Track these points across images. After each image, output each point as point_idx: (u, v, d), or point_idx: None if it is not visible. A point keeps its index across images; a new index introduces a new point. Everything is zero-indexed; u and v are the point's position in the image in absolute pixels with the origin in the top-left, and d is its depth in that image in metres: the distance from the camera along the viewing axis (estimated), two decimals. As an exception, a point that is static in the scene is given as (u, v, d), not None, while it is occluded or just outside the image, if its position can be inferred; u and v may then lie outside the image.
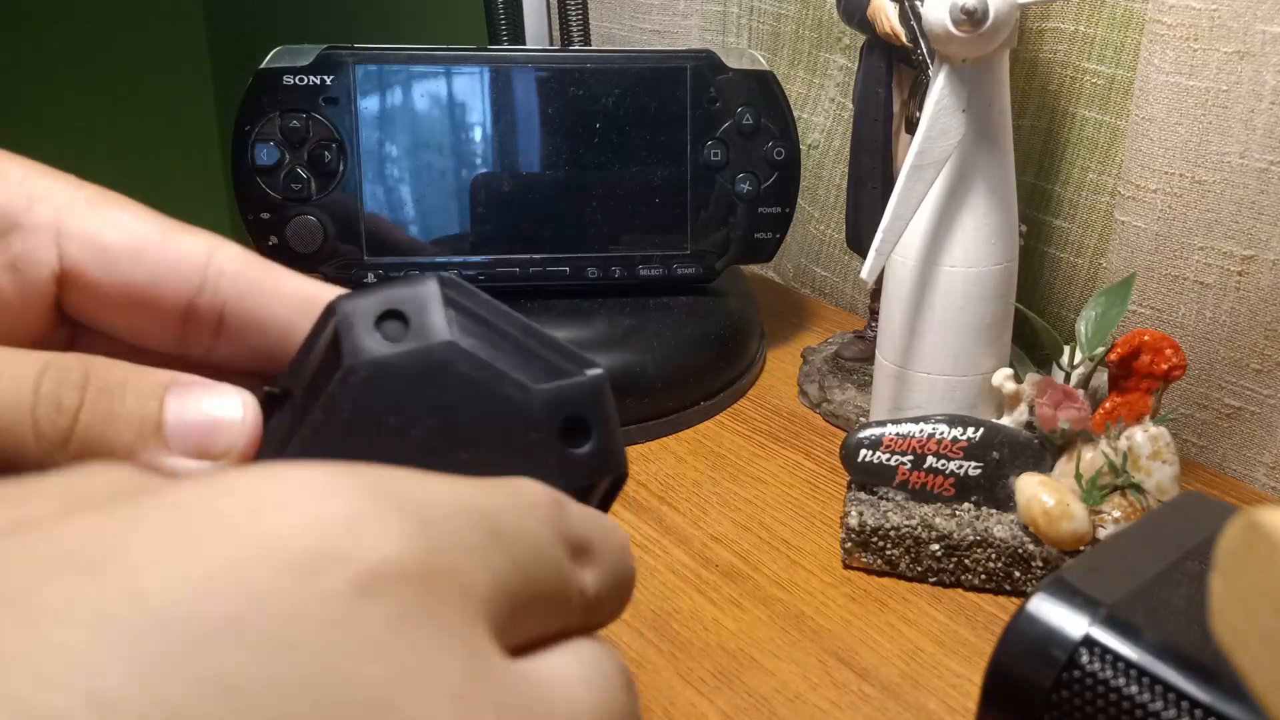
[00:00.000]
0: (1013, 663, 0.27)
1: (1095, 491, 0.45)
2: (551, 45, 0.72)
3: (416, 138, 0.59)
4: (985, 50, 0.45)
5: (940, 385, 0.50)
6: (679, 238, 0.62)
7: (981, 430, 0.47)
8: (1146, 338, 0.46)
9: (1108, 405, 0.47)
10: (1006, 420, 0.49)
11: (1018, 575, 0.45)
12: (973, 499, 0.47)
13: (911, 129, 0.56)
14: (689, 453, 0.57)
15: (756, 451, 0.57)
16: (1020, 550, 0.45)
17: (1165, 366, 0.46)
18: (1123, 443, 0.46)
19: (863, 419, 0.56)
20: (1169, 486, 0.45)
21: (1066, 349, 0.49)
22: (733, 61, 0.61)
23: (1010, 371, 0.49)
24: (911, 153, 0.46)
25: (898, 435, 0.48)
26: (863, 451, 0.48)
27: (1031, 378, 0.48)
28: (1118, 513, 0.45)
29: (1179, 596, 0.26)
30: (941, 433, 0.47)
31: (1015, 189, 0.49)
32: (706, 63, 0.60)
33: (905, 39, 0.54)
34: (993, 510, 0.47)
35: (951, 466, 0.47)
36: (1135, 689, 0.24)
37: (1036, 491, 0.45)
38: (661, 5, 0.82)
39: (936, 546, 0.46)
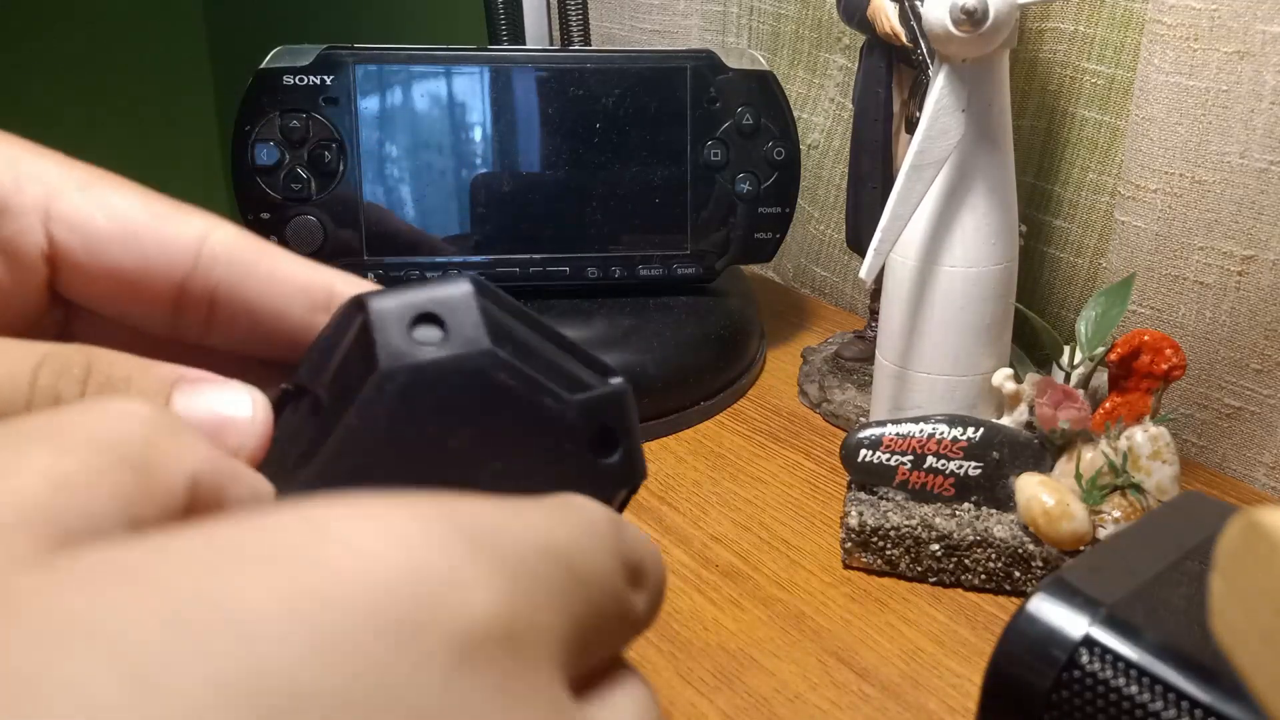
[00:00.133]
0: (1013, 663, 0.27)
1: (1095, 491, 0.45)
2: (551, 45, 0.72)
3: (416, 138, 0.59)
4: (985, 50, 0.45)
5: (940, 385, 0.50)
6: (679, 238, 0.62)
7: (981, 430, 0.47)
8: (1146, 338, 0.46)
9: (1108, 405, 0.47)
10: (1006, 420, 0.49)
11: (1018, 575, 0.45)
12: (973, 499, 0.47)
13: (911, 129, 0.56)
14: (689, 453, 0.57)
15: (756, 451, 0.57)
16: (1020, 550, 0.45)
17: (1165, 366, 0.46)
18: (1123, 443, 0.46)
19: (863, 419, 0.56)
20: (1169, 486, 0.45)
21: (1066, 349, 0.49)
22: (733, 61, 0.61)
23: (1010, 371, 0.49)
24: (911, 152, 0.46)
25: (898, 435, 0.48)
26: (863, 451, 0.48)
27: (1031, 378, 0.48)
28: (1118, 513, 0.45)
29: (1179, 596, 0.26)
30: (941, 433, 0.47)
31: (1015, 189, 0.49)
32: (706, 63, 0.60)
33: (905, 39, 0.54)
34: (993, 510, 0.47)
35: (951, 466, 0.47)
36: (1135, 689, 0.24)
37: (1036, 491, 0.45)
38: (661, 5, 0.82)
39: (936, 546, 0.46)
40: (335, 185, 0.59)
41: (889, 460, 0.48)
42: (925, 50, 0.49)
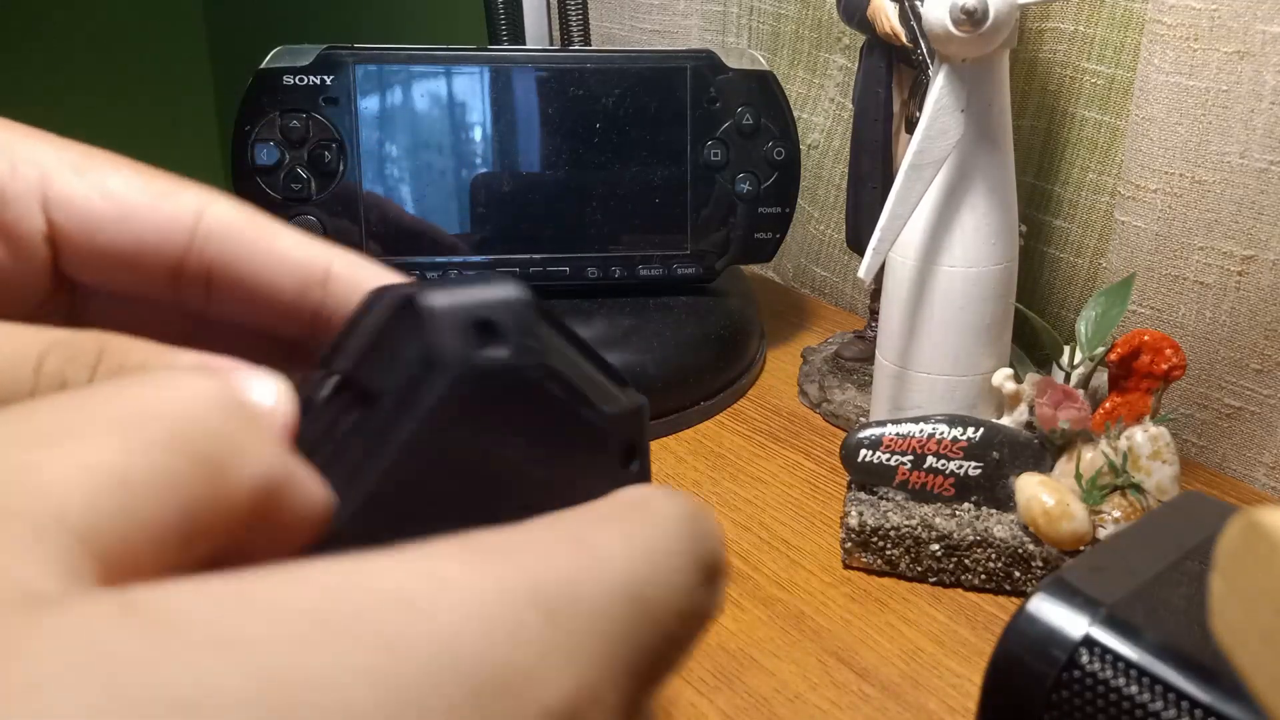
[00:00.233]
0: (1013, 663, 0.27)
1: (1095, 491, 0.45)
2: (551, 45, 0.72)
3: (416, 138, 0.59)
4: (985, 50, 0.45)
5: (940, 385, 0.50)
6: (679, 238, 0.62)
7: (981, 430, 0.47)
8: (1146, 338, 0.46)
9: (1108, 405, 0.47)
10: (1006, 420, 0.49)
11: (1018, 575, 0.45)
12: (973, 499, 0.47)
13: (911, 129, 0.56)
14: (689, 453, 0.57)
15: (756, 451, 0.57)
16: (1020, 550, 0.45)
17: (1165, 366, 0.46)
18: (1123, 443, 0.46)
19: (863, 419, 0.56)
20: (1169, 486, 0.45)
21: (1066, 349, 0.49)
22: (733, 61, 0.61)
23: (1010, 371, 0.49)
24: (910, 152, 0.46)
25: (898, 435, 0.48)
26: (863, 451, 0.48)
27: (1031, 378, 0.48)
28: (1118, 513, 0.45)
29: (1179, 596, 0.26)
30: (941, 433, 0.47)
31: (1015, 189, 0.49)
32: (706, 63, 0.60)
33: (905, 39, 0.54)
34: (993, 510, 0.47)
35: (951, 466, 0.47)
36: (1135, 689, 0.24)
37: (1036, 491, 0.45)
38: (661, 5, 0.82)
39: (936, 546, 0.46)
40: (335, 185, 0.59)
41: (889, 460, 0.47)
42: (925, 50, 0.49)
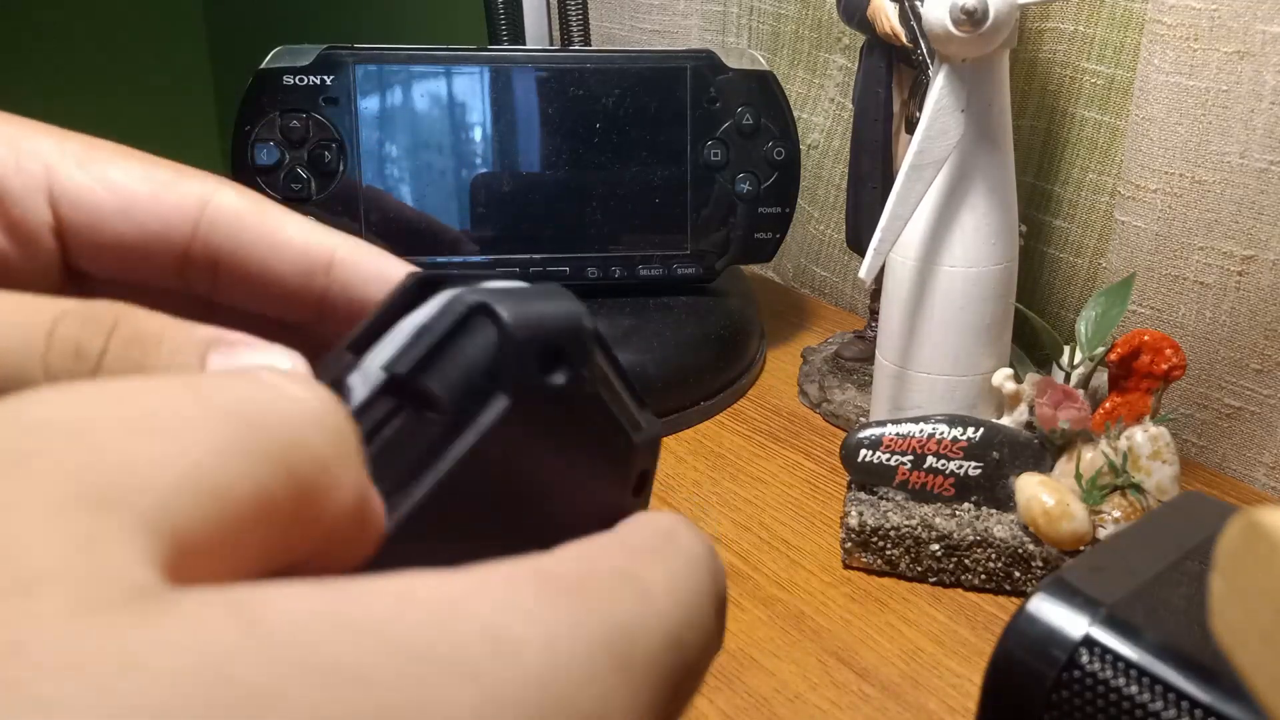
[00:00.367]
0: (1013, 663, 0.27)
1: (1095, 491, 0.45)
2: (551, 45, 0.72)
3: (416, 138, 0.59)
4: (985, 50, 0.45)
5: (940, 385, 0.50)
6: (679, 238, 0.62)
7: (981, 430, 0.47)
8: (1146, 338, 0.46)
9: (1108, 405, 0.47)
10: (1006, 420, 0.49)
11: (1018, 575, 0.45)
12: (973, 499, 0.47)
13: (911, 129, 0.56)
14: (689, 453, 0.57)
15: (756, 451, 0.57)
16: (1020, 550, 0.45)
17: (1165, 366, 0.46)
18: (1123, 443, 0.46)
19: (863, 419, 0.56)
20: (1169, 486, 0.45)
21: (1066, 349, 0.49)
22: (733, 61, 0.61)
23: (1010, 371, 0.49)
24: (911, 152, 0.46)
25: (898, 435, 0.48)
26: (863, 451, 0.48)
27: (1031, 378, 0.48)
28: (1118, 513, 0.45)
29: (1179, 596, 0.26)
30: (941, 433, 0.47)
31: (1015, 189, 0.49)
32: (706, 63, 0.60)
33: (905, 39, 0.54)
34: (993, 510, 0.47)
35: (951, 466, 0.47)
36: (1135, 689, 0.24)
37: (1036, 491, 0.45)
38: (661, 5, 0.82)
39: (936, 546, 0.46)
40: (335, 185, 0.59)
41: (889, 460, 0.47)
42: (925, 50, 0.49)
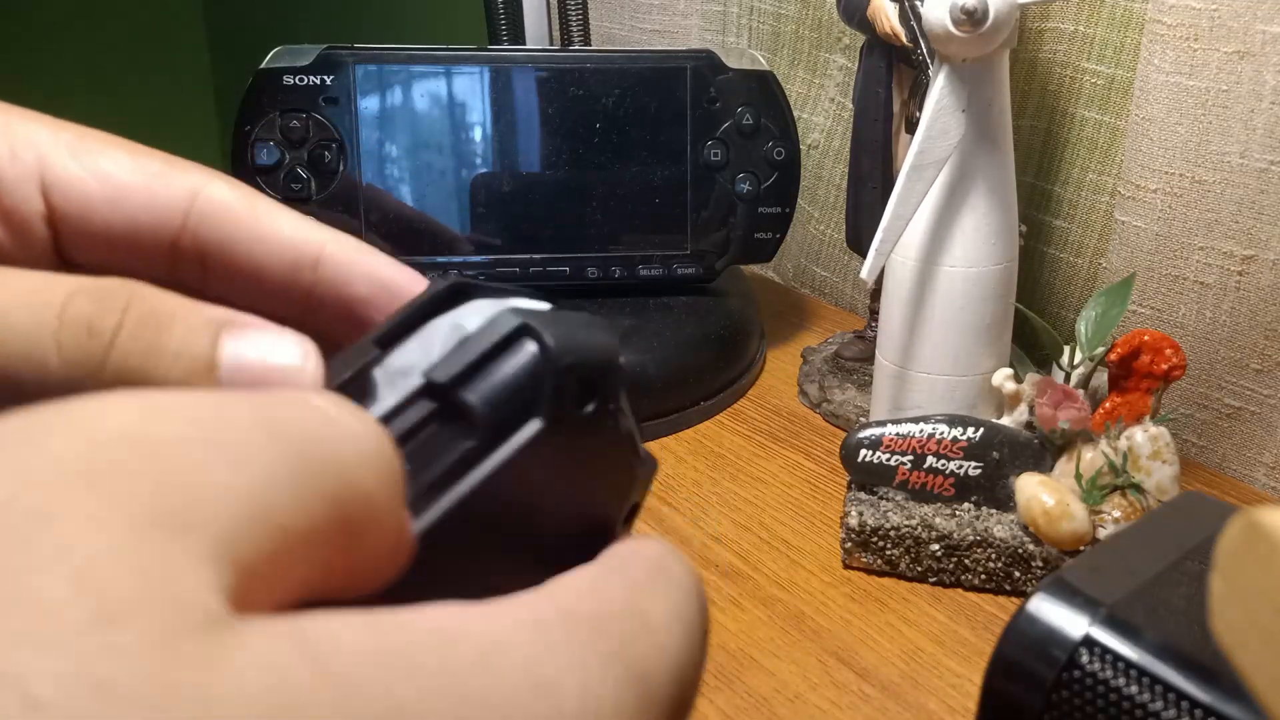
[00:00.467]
0: (1013, 663, 0.27)
1: (1095, 491, 0.45)
2: (551, 45, 0.72)
3: (416, 138, 0.59)
4: (985, 50, 0.45)
5: (940, 385, 0.50)
6: (679, 238, 0.62)
7: (981, 430, 0.47)
8: (1146, 338, 0.46)
9: (1108, 405, 0.47)
10: (1006, 420, 0.49)
11: (1018, 575, 0.45)
12: (973, 499, 0.47)
13: (911, 129, 0.56)
14: (689, 453, 0.57)
15: (756, 451, 0.57)
16: (1020, 550, 0.45)
17: (1165, 366, 0.46)
18: (1123, 443, 0.46)
19: (863, 419, 0.56)
20: (1169, 486, 0.45)
21: (1066, 349, 0.49)
22: (733, 61, 0.61)
23: (1010, 371, 0.49)
24: (911, 153, 0.46)
25: (898, 435, 0.48)
26: (863, 451, 0.48)
27: (1031, 378, 0.48)
28: (1118, 513, 0.45)
29: (1179, 596, 0.26)
30: (941, 433, 0.47)
31: (1015, 189, 0.49)
32: (706, 63, 0.60)
33: (905, 39, 0.54)
34: (993, 510, 0.47)
35: (951, 466, 0.47)
36: (1135, 689, 0.24)
37: (1036, 491, 0.45)
38: (661, 5, 0.82)
39: (936, 546, 0.46)
40: (335, 185, 0.59)
41: (889, 460, 0.47)
42: (925, 50, 0.49)
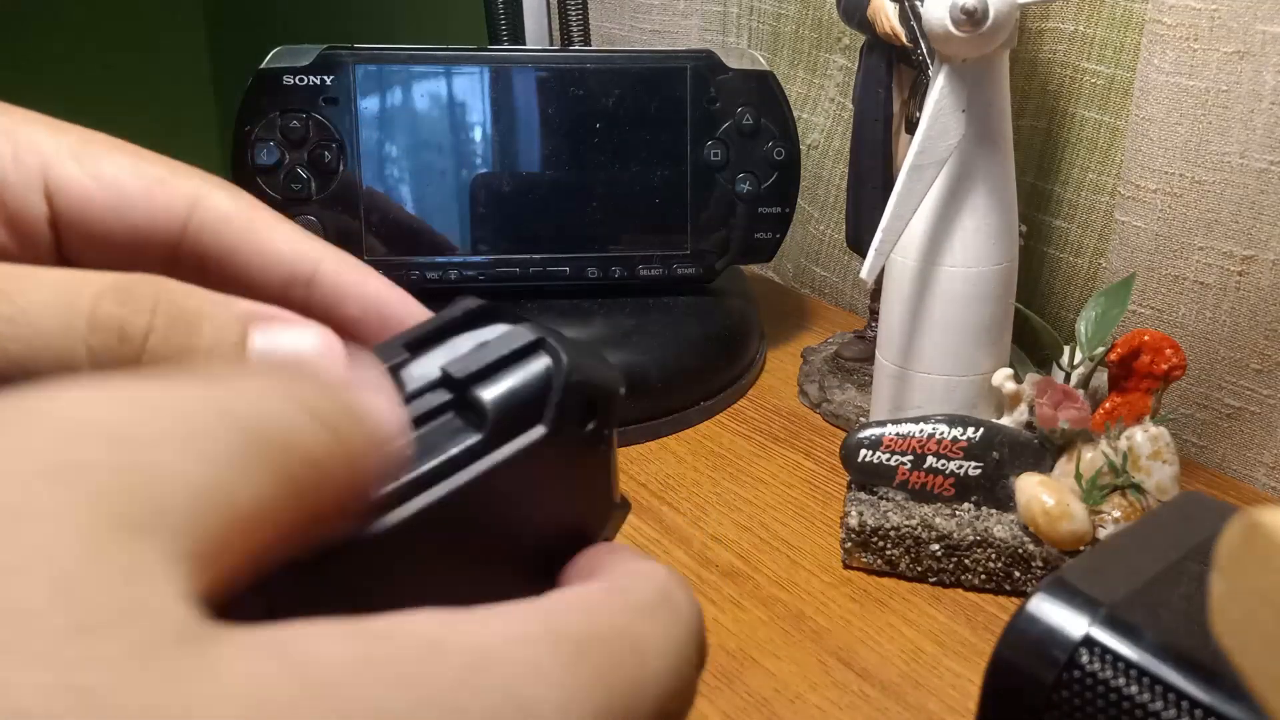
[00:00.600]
0: (1013, 663, 0.27)
1: (1095, 491, 0.45)
2: (551, 45, 0.72)
3: (416, 138, 0.59)
4: (985, 50, 0.45)
5: (940, 385, 0.50)
6: (679, 238, 0.62)
7: (981, 430, 0.47)
8: (1146, 338, 0.46)
9: (1108, 405, 0.47)
10: (1006, 420, 0.49)
11: (1018, 575, 0.45)
12: (973, 499, 0.47)
13: (911, 129, 0.56)
14: (689, 453, 0.57)
15: (756, 451, 0.57)
16: (1020, 550, 0.45)
17: (1165, 366, 0.46)
18: (1123, 443, 0.46)
19: (863, 419, 0.56)
20: (1169, 486, 0.45)
21: (1066, 349, 0.49)
22: (733, 61, 0.61)
23: (1010, 371, 0.49)
24: (911, 153, 0.46)
25: (898, 435, 0.47)
26: (863, 451, 0.48)
27: (1031, 378, 0.48)
28: (1118, 513, 0.45)
29: (1179, 596, 0.26)
30: (941, 433, 0.47)
31: (1015, 189, 0.49)
32: (706, 63, 0.60)
33: (905, 39, 0.54)
34: (993, 510, 0.47)
35: (951, 466, 0.47)
36: (1135, 689, 0.24)
37: (1036, 491, 0.45)
38: (661, 5, 0.82)
39: (936, 546, 0.46)
40: (335, 185, 0.59)
41: (889, 460, 0.47)
42: (925, 50, 0.49)
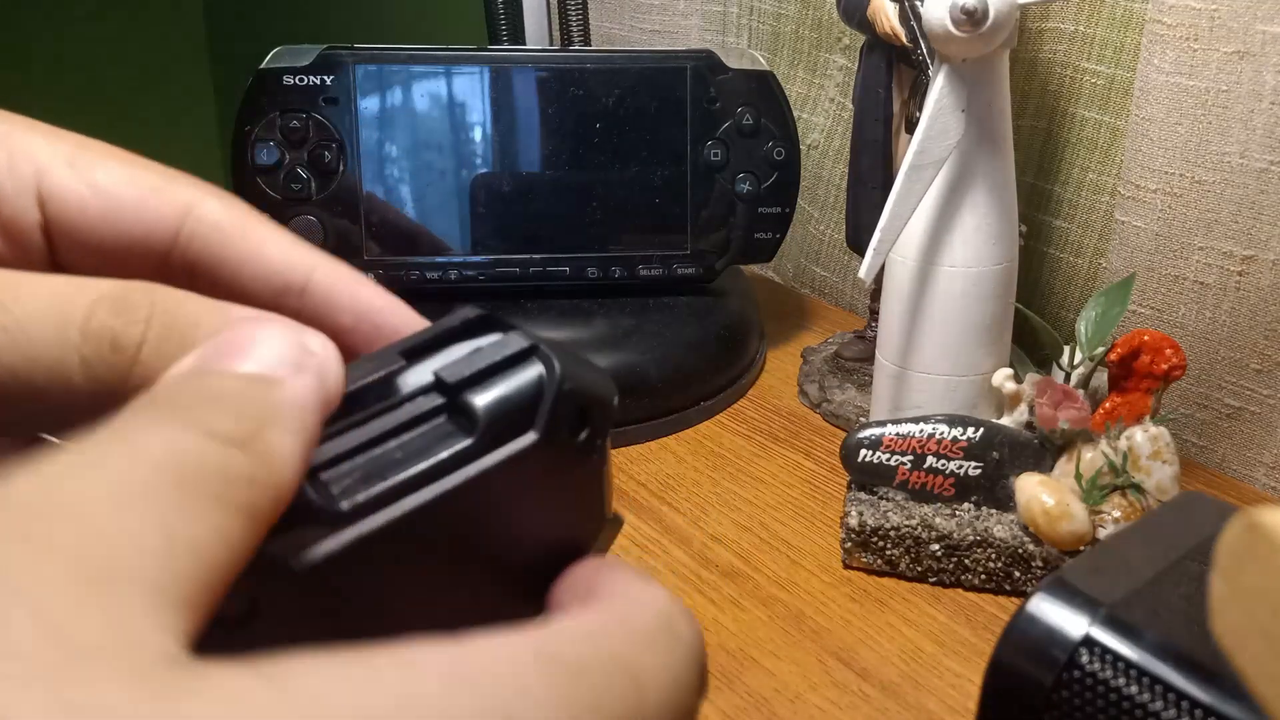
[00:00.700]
0: (1013, 663, 0.27)
1: (1095, 491, 0.45)
2: (551, 45, 0.72)
3: (416, 138, 0.59)
4: (985, 50, 0.45)
5: (940, 385, 0.50)
6: (679, 238, 0.62)
7: (981, 430, 0.47)
8: (1146, 338, 0.46)
9: (1108, 405, 0.47)
10: (1006, 420, 0.49)
11: (1018, 575, 0.45)
12: (973, 499, 0.47)
13: (911, 129, 0.56)
14: (689, 453, 0.57)
15: (756, 451, 0.57)
16: (1020, 550, 0.45)
17: (1165, 366, 0.46)
18: (1123, 443, 0.46)
19: (863, 419, 0.56)
20: (1169, 486, 0.45)
21: (1066, 349, 0.49)
22: (733, 61, 0.61)
23: (1010, 371, 0.49)
24: (911, 152, 0.46)
25: (898, 435, 0.48)
26: (863, 451, 0.48)
27: (1031, 378, 0.48)
28: (1118, 513, 0.45)
29: (1179, 596, 0.26)
30: (941, 433, 0.47)
31: (1015, 189, 0.49)
32: (706, 63, 0.60)
33: (905, 39, 0.54)
34: (993, 510, 0.47)
35: (951, 466, 0.47)
36: (1135, 689, 0.24)
37: (1036, 491, 0.45)
38: (661, 5, 0.82)
39: (936, 546, 0.46)
40: (335, 185, 0.59)
41: (889, 460, 0.47)
42: (925, 50, 0.49)
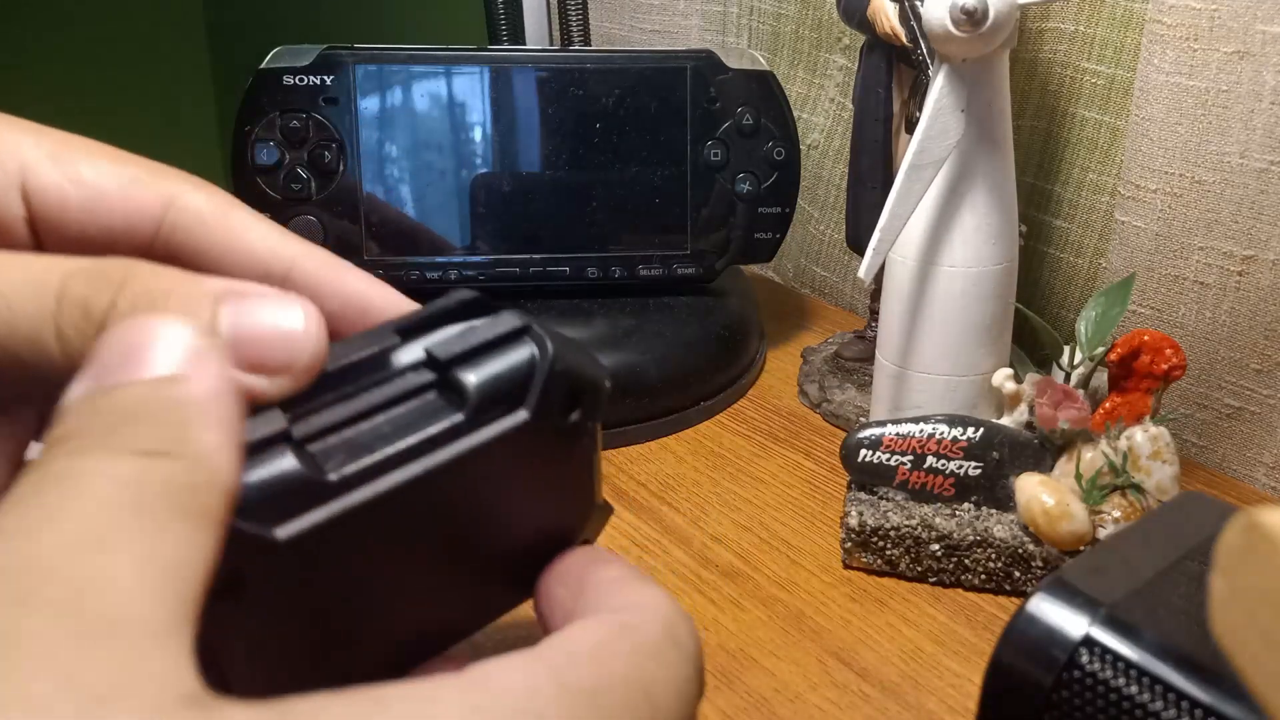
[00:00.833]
0: (1013, 663, 0.27)
1: (1095, 491, 0.45)
2: (551, 45, 0.72)
3: (416, 138, 0.59)
4: (985, 50, 0.45)
5: (940, 385, 0.50)
6: (679, 238, 0.62)
7: (981, 430, 0.47)
8: (1146, 338, 0.46)
9: (1108, 405, 0.47)
10: (1006, 420, 0.49)
11: (1018, 575, 0.45)
12: (973, 499, 0.47)
13: (911, 129, 0.56)
14: (689, 453, 0.57)
15: (756, 451, 0.57)
16: (1020, 550, 0.45)
17: (1165, 366, 0.46)
18: (1123, 443, 0.46)
19: (863, 419, 0.56)
20: (1169, 486, 0.45)
21: (1066, 349, 0.49)
22: (733, 61, 0.61)
23: (1010, 371, 0.49)
24: (910, 152, 0.46)
25: (898, 435, 0.48)
26: (863, 451, 0.48)
27: (1031, 378, 0.48)
28: (1118, 513, 0.45)
29: (1179, 596, 0.26)
30: (941, 433, 0.47)
31: (1015, 189, 0.49)
32: (706, 63, 0.60)
33: (905, 39, 0.54)
34: (993, 510, 0.47)
35: (951, 466, 0.47)
36: (1135, 689, 0.24)
37: (1036, 491, 0.45)
38: (661, 5, 0.82)
39: (936, 546, 0.46)
40: (335, 185, 0.59)
41: (889, 460, 0.47)
42: (925, 50, 0.49)
